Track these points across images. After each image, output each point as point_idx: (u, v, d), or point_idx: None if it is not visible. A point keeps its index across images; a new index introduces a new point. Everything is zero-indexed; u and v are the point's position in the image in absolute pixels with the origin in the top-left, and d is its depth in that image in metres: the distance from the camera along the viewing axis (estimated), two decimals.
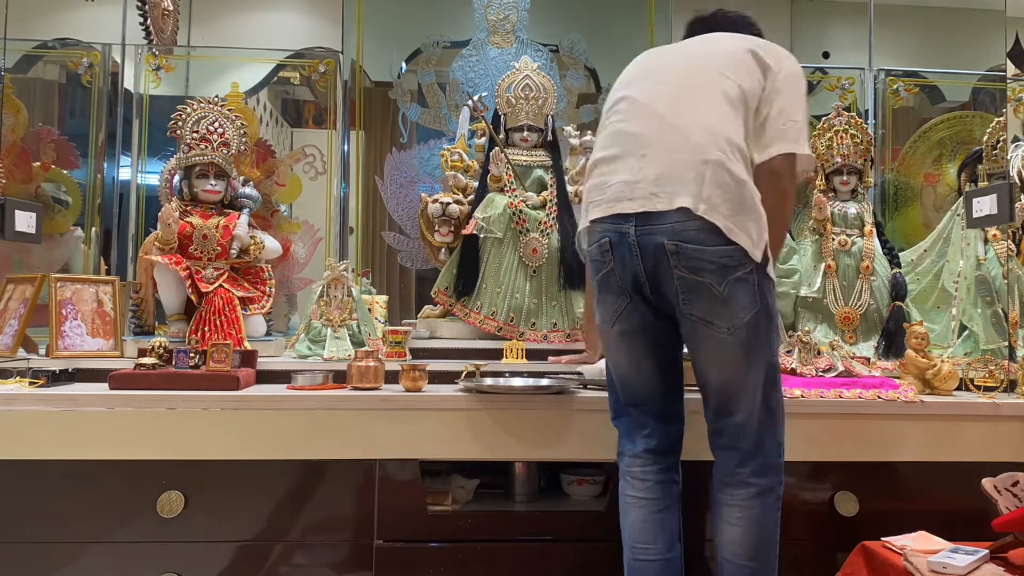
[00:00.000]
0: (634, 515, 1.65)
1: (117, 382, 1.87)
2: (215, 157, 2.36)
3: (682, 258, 1.50)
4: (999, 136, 2.46)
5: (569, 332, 2.41)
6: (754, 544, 1.55)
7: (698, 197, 1.49)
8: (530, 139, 2.57)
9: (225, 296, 2.25)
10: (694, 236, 1.49)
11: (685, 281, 1.51)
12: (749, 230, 1.50)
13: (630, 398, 1.68)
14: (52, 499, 1.78)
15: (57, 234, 2.70)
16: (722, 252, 1.49)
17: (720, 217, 1.48)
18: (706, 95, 1.58)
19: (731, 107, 1.57)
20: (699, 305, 1.52)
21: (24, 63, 2.81)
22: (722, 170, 1.50)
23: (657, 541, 1.61)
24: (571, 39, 2.93)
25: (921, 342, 2.05)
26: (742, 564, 1.56)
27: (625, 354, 1.66)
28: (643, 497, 1.64)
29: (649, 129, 1.59)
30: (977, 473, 1.61)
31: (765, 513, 1.56)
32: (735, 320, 1.51)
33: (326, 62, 2.84)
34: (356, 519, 1.83)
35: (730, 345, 1.53)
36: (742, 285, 1.50)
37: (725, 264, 1.49)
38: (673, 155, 1.54)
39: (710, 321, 1.53)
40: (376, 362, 1.93)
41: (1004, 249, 2.35)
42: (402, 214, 2.83)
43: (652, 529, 1.62)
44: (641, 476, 1.65)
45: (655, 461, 1.65)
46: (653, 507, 1.63)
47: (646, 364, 1.64)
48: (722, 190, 1.49)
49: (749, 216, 1.51)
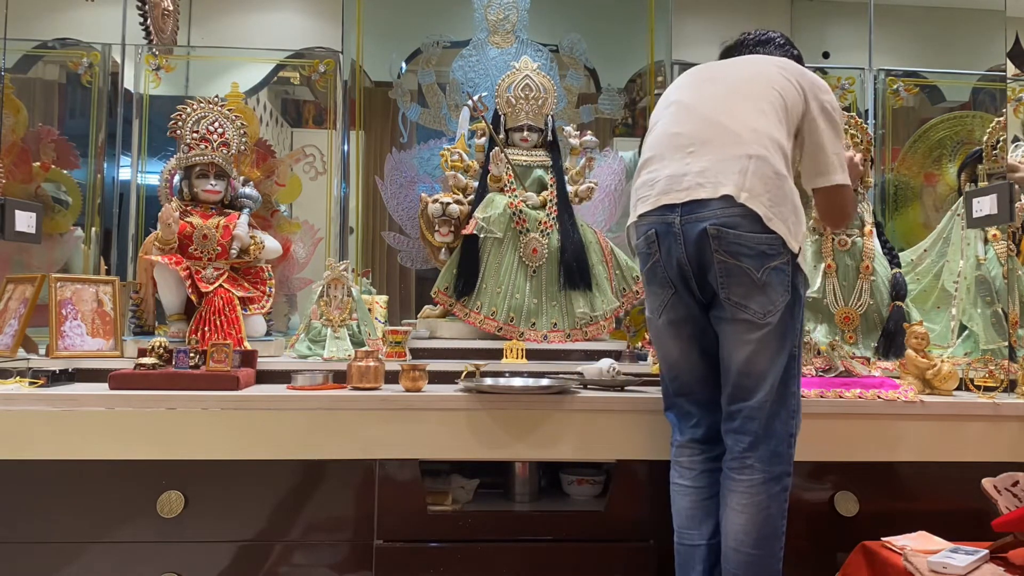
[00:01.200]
0: (681, 502, 1.72)
1: (117, 382, 1.87)
2: (215, 157, 2.36)
3: (723, 242, 1.57)
4: (999, 136, 2.46)
5: (569, 332, 2.41)
6: (759, 532, 1.58)
7: (740, 187, 1.58)
8: (530, 139, 2.57)
9: (225, 296, 2.24)
10: (736, 222, 1.57)
11: (725, 265, 1.58)
12: (788, 220, 1.58)
13: (678, 388, 1.75)
14: (52, 499, 1.78)
15: (57, 234, 2.70)
16: (762, 240, 1.57)
17: (761, 206, 1.56)
18: (752, 101, 1.68)
19: (775, 113, 1.66)
20: (737, 289, 1.59)
21: (24, 63, 2.81)
22: (765, 164, 1.59)
23: (701, 527, 1.69)
24: (571, 39, 2.93)
25: (921, 342, 2.05)
26: (746, 552, 1.58)
27: (673, 344, 1.73)
28: (689, 485, 1.71)
29: (696, 129, 1.69)
30: (977, 473, 1.61)
31: (771, 501, 1.58)
32: (769, 306, 1.58)
33: (326, 62, 2.84)
34: (356, 519, 1.83)
35: (760, 329, 1.59)
36: (779, 274, 1.58)
37: (764, 251, 1.57)
38: (718, 150, 1.63)
39: (746, 305, 1.59)
40: (376, 362, 1.93)
41: (1004, 249, 2.35)
42: (402, 214, 2.83)
43: (697, 516, 1.69)
44: (688, 465, 1.73)
45: (702, 451, 1.72)
46: (698, 495, 1.70)
47: (693, 354, 1.71)
48: (763, 182, 1.58)
49: (788, 208, 1.59)
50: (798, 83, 1.70)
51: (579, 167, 2.59)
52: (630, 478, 1.88)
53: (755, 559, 1.57)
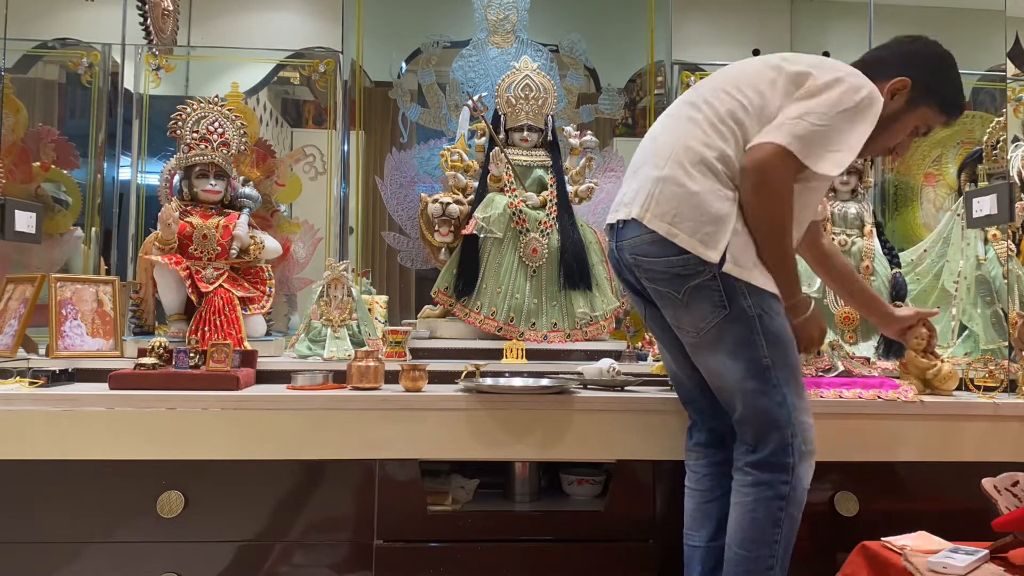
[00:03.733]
0: (687, 503, 1.75)
1: (117, 382, 1.87)
2: (215, 157, 2.36)
3: (642, 271, 1.60)
4: (999, 136, 2.46)
5: (569, 332, 2.41)
6: (746, 534, 1.57)
7: (645, 207, 1.56)
8: (530, 139, 2.57)
9: (225, 296, 2.24)
10: (646, 249, 1.57)
11: (654, 289, 1.61)
12: (699, 232, 1.51)
13: (682, 395, 1.79)
14: (52, 499, 1.78)
15: (57, 234, 2.70)
16: (672, 262, 1.54)
17: (663, 224, 1.53)
18: (695, 112, 1.61)
19: (719, 122, 1.57)
20: (669, 312, 1.62)
21: (24, 63, 2.81)
22: (673, 183, 1.55)
23: (702, 529, 1.71)
24: (571, 39, 2.93)
25: (921, 342, 2.05)
26: (734, 550, 1.59)
27: (666, 354, 1.78)
28: (693, 488, 1.74)
29: (640, 152, 1.70)
30: (977, 473, 1.61)
31: (758, 506, 1.57)
32: (701, 323, 1.56)
33: (326, 62, 2.84)
34: (356, 519, 1.83)
35: (702, 348, 1.60)
36: (703, 291, 1.53)
37: (678, 273, 1.54)
38: (644, 170, 1.63)
39: (679, 326, 1.62)
40: (376, 362, 1.93)
41: (1004, 249, 2.35)
42: (402, 214, 2.83)
43: (700, 518, 1.71)
44: (694, 468, 1.75)
45: (705, 455, 1.74)
46: (701, 498, 1.72)
47: (682, 363, 1.72)
48: (670, 201, 1.54)
49: (701, 220, 1.51)
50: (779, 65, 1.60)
51: (579, 167, 2.59)
52: (630, 478, 1.88)
53: (741, 559, 1.57)
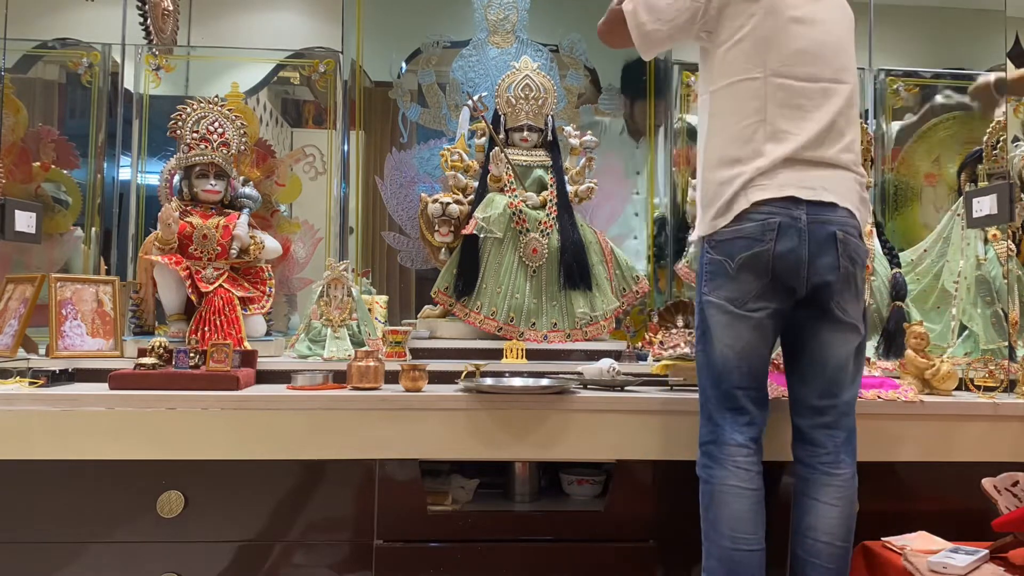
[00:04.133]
0: (738, 505, 1.63)
1: (117, 382, 1.87)
2: (215, 157, 2.36)
3: (851, 249, 1.62)
4: (999, 136, 2.46)
5: (569, 332, 2.41)
6: (848, 525, 1.63)
7: (856, 207, 1.68)
8: (530, 139, 2.57)
9: (225, 296, 2.24)
10: (856, 232, 1.64)
11: (846, 272, 1.62)
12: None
13: (739, 380, 1.66)
14: (52, 499, 1.79)
15: (57, 234, 2.70)
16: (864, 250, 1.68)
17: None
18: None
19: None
20: (843, 296, 1.63)
21: (24, 63, 2.81)
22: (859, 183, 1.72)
23: (758, 531, 1.63)
24: (571, 39, 2.92)
25: (921, 342, 2.05)
26: (840, 545, 1.62)
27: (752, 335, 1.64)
28: (748, 487, 1.64)
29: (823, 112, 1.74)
30: (977, 473, 1.61)
31: (855, 495, 1.64)
32: (861, 309, 1.68)
33: (326, 62, 2.84)
34: (356, 519, 1.83)
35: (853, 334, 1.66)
36: (863, 281, 1.69)
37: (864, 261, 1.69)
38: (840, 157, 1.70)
39: (844, 309, 1.64)
40: (376, 362, 1.93)
41: (1004, 249, 2.35)
42: (402, 214, 2.83)
43: (755, 520, 1.63)
44: (746, 466, 1.64)
45: (757, 451, 1.67)
46: (756, 497, 1.64)
47: (764, 347, 1.67)
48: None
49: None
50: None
51: (579, 167, 2.59)
52: (630, 478, 1.88)
53: (845, 552, 1.62)
